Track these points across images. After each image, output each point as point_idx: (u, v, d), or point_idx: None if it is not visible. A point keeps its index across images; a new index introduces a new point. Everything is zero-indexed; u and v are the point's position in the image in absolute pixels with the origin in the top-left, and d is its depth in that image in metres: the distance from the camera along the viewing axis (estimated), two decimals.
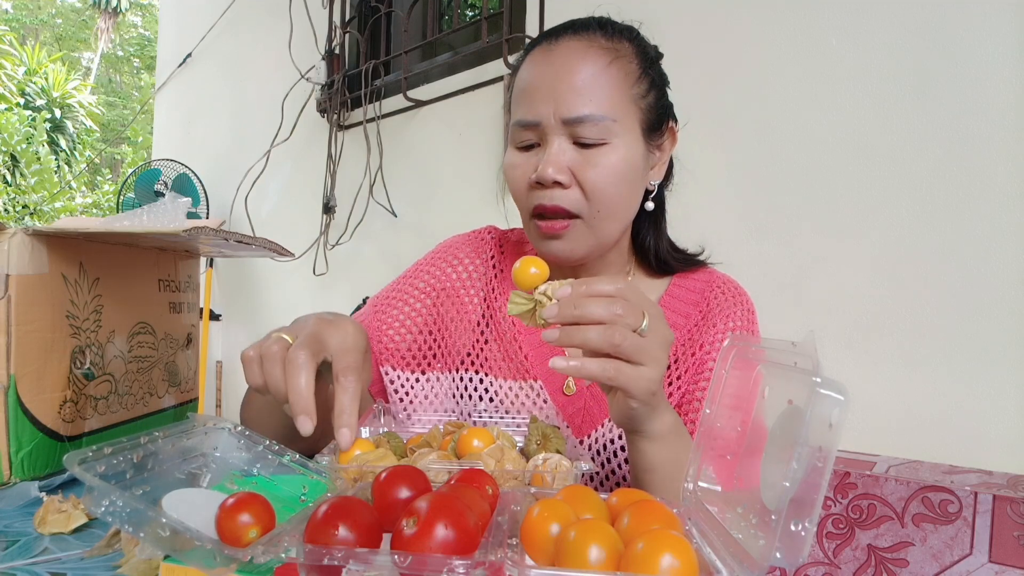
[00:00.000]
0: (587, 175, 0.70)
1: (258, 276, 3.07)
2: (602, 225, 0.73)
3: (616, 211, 0.73)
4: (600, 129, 0.70)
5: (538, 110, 0.71)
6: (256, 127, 2.90)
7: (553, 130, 0.71)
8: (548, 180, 0.70)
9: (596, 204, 0.71)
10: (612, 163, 0.71)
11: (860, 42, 1.20)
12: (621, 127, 0.71)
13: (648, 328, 0.55)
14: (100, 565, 0.52)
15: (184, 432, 0.53)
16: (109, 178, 12.83)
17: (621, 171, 0.71)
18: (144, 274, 0.91)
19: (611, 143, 0.71)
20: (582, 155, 0.71)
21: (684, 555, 0.36)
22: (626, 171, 0.72)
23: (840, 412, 0.35)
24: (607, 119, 0.70)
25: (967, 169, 1.07)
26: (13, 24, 14.93)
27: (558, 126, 0.70)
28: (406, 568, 0.35)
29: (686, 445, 0.64)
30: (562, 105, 0.70)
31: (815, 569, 0.98)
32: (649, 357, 0.54)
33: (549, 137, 0.71)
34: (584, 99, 0.70)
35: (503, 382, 0.83)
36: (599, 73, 0.71)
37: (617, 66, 0.72)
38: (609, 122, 0.70)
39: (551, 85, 0.71)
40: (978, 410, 1.05)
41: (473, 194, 1.97)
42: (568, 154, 0.71)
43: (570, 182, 0.71)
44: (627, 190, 0.74)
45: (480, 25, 1.89)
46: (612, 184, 0.71)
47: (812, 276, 1.25)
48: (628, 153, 0.72)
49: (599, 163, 0.70)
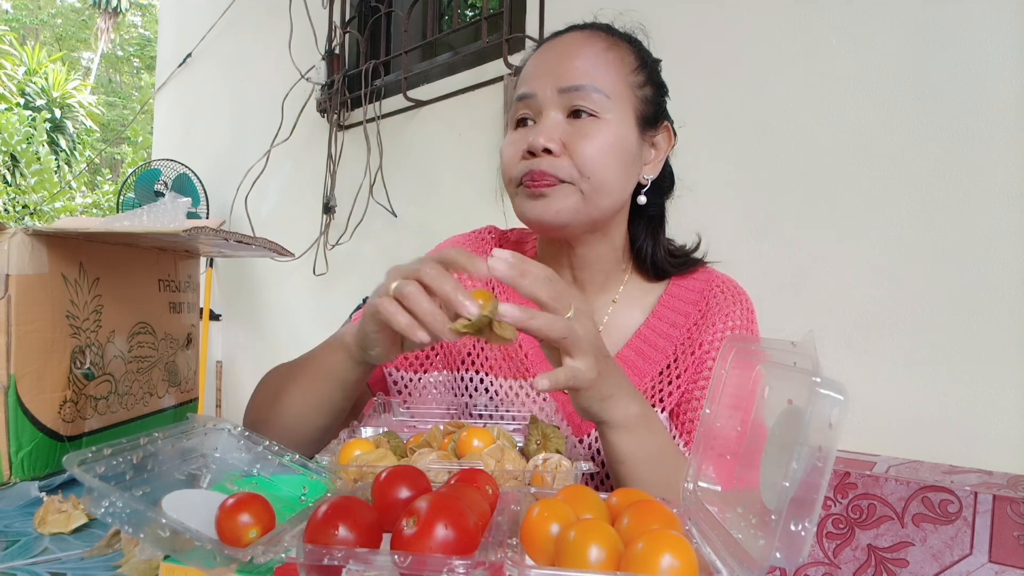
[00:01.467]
0: (578, 145, 0.72)
1: (258, 276, 3.07)
2: (592, 196, 0.73)
3: (606, 184, 0.74)
4: (594, 101, 0.72)
5: (535, 84, 0.75)
6: (256, 127, 2.90)
7: (549, 102, 0.73)
8: (539, 148, 0.72)
9: (586, 173, 0.72)
10: (604, 136, 0.72)
11: (860, 42, 1.20)
12: (615, 105, 0.73)
13: (574, 318, 0.58)
14: (100, 565, 0.52)
15: (184, 433, 0.53)
16: (109, 178, 12.83)
17: (612, 146, 0.73)
18: (144, 274, 0.91)
19: (603, 118, 0.73)
20: (574, 126, 0.73)
21: (684, 555, 0.36)
22: (617, 148, 0.73)
23: (840, 412, 0.35)
24: (601, 93, 0.72)
25: (967, 169, 1.07)
26: (13, 24, 14.93)
27: (554, 97, 0.73)
28: (406, 568, 0.35)
29: (659, 438, 0.65)
30: (559, 78, 0.73)
31: (815, 569, 0.98)
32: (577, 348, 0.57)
33: (543, 110, 0.74)
34: (580, 72, 0.73)
35: (503, 381, 0.83)
36: (597, 54, 0.74)
37: (615, 52, 0.75)
38: (603, 97, 0.72)
39: (551, 65, 0.75)
40: (978, 410, 1.05)
41: (473, 194, 1.97)
42: (561, 126, 0.73)
43: (560, 151, 0.72)
44: (617, 167, 0.74)
45: (480, 25, 1.89)
46: (602, 155, 0.72)
47: (812, 276, 1.25)
48: (620, 132, 0.74)
49: (590, 133, 0.72)
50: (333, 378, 0.69)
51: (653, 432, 0.65)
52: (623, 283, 0.86)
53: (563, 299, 0.58)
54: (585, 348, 0.57)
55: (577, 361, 0.57)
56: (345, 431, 0.68)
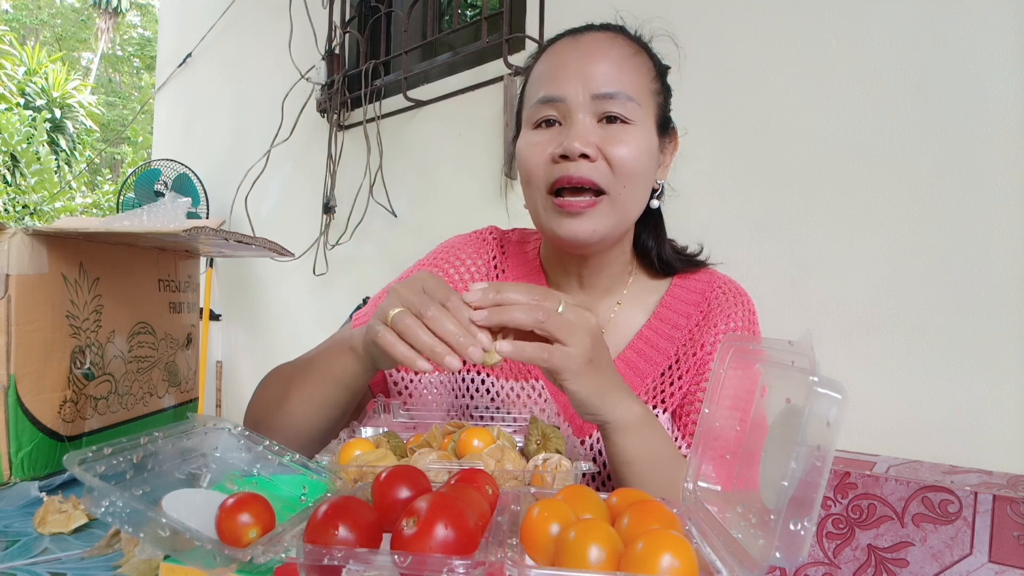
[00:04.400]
0: (614, 150, 0.71)
1: (258, 276, 3.07)
2: (626, 203, 0.74)
3: (638, 190, 0.74)
4: (627, 108, 0.72)
5: (565, 87, 0.72)
6: (256, 127, 2.90)
7: (580, 106, 0.72)
8: (575, 152, 0.70)
9: (622, 179, 0.72)
10: (637, 143, 0.72)
11: (860, 42, 1.20)
12: (643, 113, 0.74)
13: (565, 311, 0.59)
14: (100, 565, 0.52)
15: (184, 433, 0.53)
16: (109, 178, 12.83)
17: (644, 151, 0.73)
18: (144, 274, 0.91)
19: (634, 124, 0.73)
20: (607, 131, 0.72)
21: (684, 555, 0.36)
22: (647, 155, 0.74)
23: (838, 411, 0.35)
24: (634, 100, 0.72)
25: (967, 169, 1.07)
26: (13, 24, 14.92)
27: (586, 102, 0.72)
28: (406, 568, 0.35)
29: (662, 439, 0.65)
30: (592, 81, 0.72)
31: (815, 569, 0.98)
32: (571, 335, 0.58)
33: (574, 114, 0.72)
34: (615, 78, 0.72)
35: (504, 382, 0.83)
36: (626, 59, 0.74)
37: (640, 58, 0.76)
38: (635, 104, 0.72)
39: (580, 65, 0.73)
40: (978, 410, 1.05)
41: (473, 194, 1.97)
42: (596, 131, 0.72)
43: (596, 155, 0.71)
44: (646, 174, 0.75)
45: (480, 25, 1.89)
46: (636, 162, 0.72)
47: (812, 276, 1.25)
48: (648, 138, 0.74)
49: (625, 139, 0.72)
50: (340, 382, 0.70)
51: (655, 433, 0.65)
52: (627, 285, 0.86)
53: (549, 297, 0.59)
54: (574, 332, 0.58)
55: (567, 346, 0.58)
56: (345, 431, 0.68)
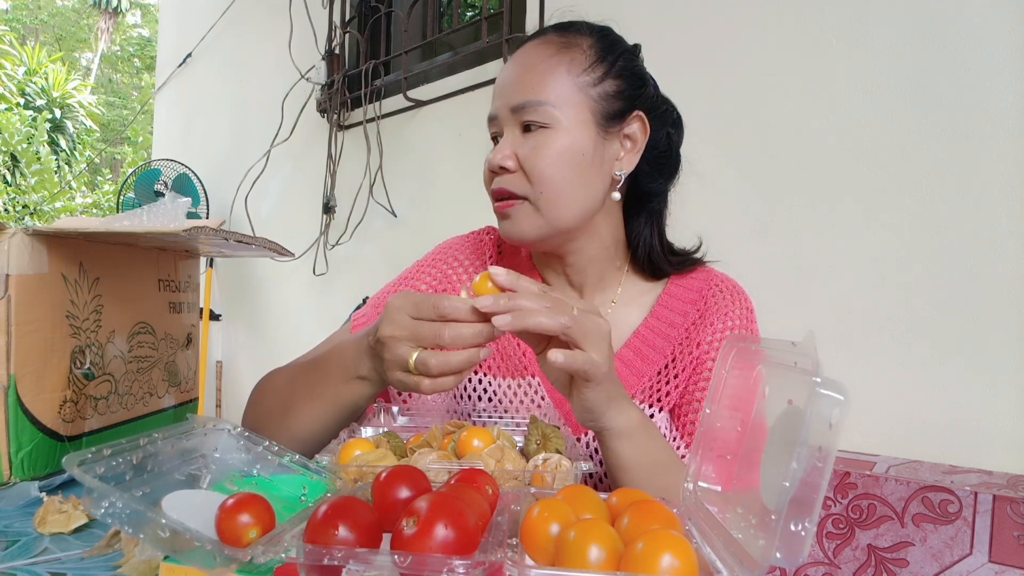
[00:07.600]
0: (528, 158, 0.74)
1: (258, 276, 3.07)
2: (548, 207, 0.75)
3: (560, 193, 0.74)
4: (541, 113, 0.73)
5: (495, 105, 0.77)
6: (256, 127, 2.90)
7: (506, 120, 0.76)
8: (495, 166, 0.75)
9: (538, 186, 0.74)
10: (554, 146, 0.73)
11: (860, 43, 1.20)
12: (564, 113, 0.74)
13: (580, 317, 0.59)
14: (100, 565, 0.52)
15: (184, 433, 0.53)
16: (109, 178, 12.84)
17: (564, 155, 0.73)
18: (144, 274, 0.91)
19: (554, 128, 0.73)
20: (528, 139, 0.74)
21: (684, 555, 0.36)
22: (570, 155, 0.74)
23: (840, 412, 0.35)
24: (546, 104, 0.73)
25: (967, 169, 1.07)
26: (13, 24, 14.92)
27: (508, 116, 0.76)
28: (406, 568, 0.35)
29: (659, 444, 0.65)
30: (511, 95, 0.75)
31: (815, 569, 0.98)
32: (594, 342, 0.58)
33: (504, 129, 0.76)
34: (526, 87, 0.74)
35: (502, 380, 0.83)
36: (541, 62, 0.75)
37: (561, 56, 0.75)
38: (549, 107, 0.73)
39: (503, 81, 0.78)
40: (978, 410, 1.05)
41: (473, 194, 1.96)
42: (516, 143, 0.75)
43: (515, 167, 0.75)
44: (572, 174, 0.74)
45: (480, 25, 1.89)
46: (552, 166, 0.73)
47: (812, 276, 1.25)
48: (574, 138, 0.74)
49: (539, 145, 0.73)
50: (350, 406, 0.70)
51: (653, 438, 0.65)
52: (620, 283, 0.85)
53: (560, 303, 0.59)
54: (596, 339, 0.58)
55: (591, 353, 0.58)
56: (345, 431, 0.68)
